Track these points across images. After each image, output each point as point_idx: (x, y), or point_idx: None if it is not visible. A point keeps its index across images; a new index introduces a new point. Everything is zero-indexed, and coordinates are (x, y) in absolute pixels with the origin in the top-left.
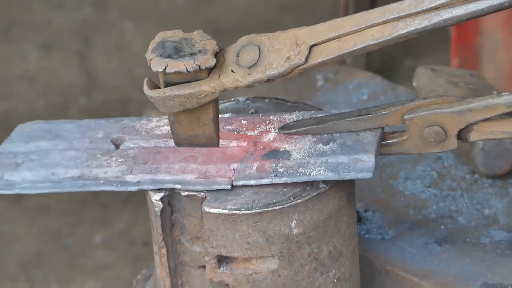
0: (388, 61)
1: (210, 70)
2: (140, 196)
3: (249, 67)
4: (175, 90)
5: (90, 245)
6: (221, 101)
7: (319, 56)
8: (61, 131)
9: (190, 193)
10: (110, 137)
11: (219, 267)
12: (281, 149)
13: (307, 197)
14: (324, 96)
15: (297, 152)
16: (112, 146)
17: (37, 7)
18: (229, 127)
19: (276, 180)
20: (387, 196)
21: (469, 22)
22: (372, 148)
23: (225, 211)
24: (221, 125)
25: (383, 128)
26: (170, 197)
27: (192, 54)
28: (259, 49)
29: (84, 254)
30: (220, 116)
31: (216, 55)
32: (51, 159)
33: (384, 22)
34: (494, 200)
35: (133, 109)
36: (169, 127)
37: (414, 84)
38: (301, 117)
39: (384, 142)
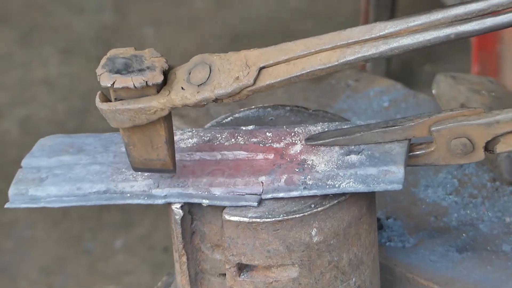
0: (408, 68)
1: (159, 87)
2: None
3: (198, 85)
4: (125, 104)
5: (111, 250)
6: (242, 109)
7: (267, 79)
8: (83, 145)
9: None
10: None
11: (239, 275)
12: (308, 161)
13: (328, 205)
14: (345, 103)
15: (325, 164)
16: None
17: (58, 12)
18: (254, 140)
19: (305, 193)
20: (408, 203)
21: None
22: (401, 160)
23: (246, 219)
24: (246, 138)
25: (410, 140)
26: (191, 205)
27: (140, 70)
28: (210, 68)
29: (104, 259)
30: (243, 128)
31: (164, 72)
32: (75, 173)
33: (333, 48)
34: None
35: None
36: (193, 140)
37: (433, 91)
38: (326, 129)
39: (411, 153)
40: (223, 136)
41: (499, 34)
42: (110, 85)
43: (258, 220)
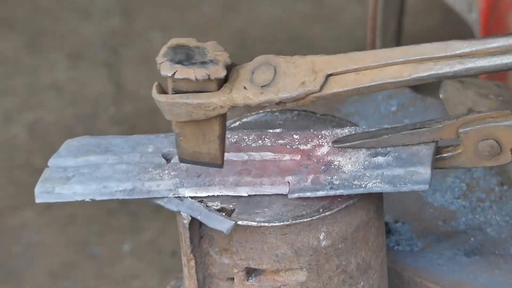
0: None
1: (221, 83)
2: None
3: (262, 86)
4: (184, 98)
5: (118, 255)
6: (249, 113)
7: (334, 87)
8: (110, 145)
9: (218, 207)
10: (161, 152)
11: (247, 279)
12: (335, 162)
13: (336, 210)
14: (352, 107)
15: (351, 165)
16: (163, 160)
17: (65, 17)
18: (281, 141)
19: (332, 193)
20: (416, 207)
21: (496, 33)
22: (427, 161)
23: (254, 223)
24: (272, 140)
25: (437, 142)
26: None
27: (203, 63)
28: (275, 69)
29: (112, 263)
30: (271, 131)
31: (227, 67)
32: (101, 173)
33: (405, 62)
34: None
35: (162, 119)
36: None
37: (441, 96)
38: (353, 131)
39: (438, 155)
40: (250, 138)
41: None
42: (170, 75)
43: (266, 224)
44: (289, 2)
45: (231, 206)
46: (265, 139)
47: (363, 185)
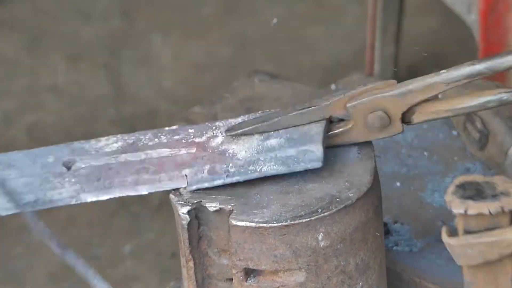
0: (415, 73)
1: None
2: (170, 206)
3: None
4: (477, 237)
5: (119, 256)
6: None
7: None
8: (11, 161)
9: (217, 207)
10: (61, 160)
11: (246, 280)
12: (229, 150)
13: (334, 210)
14: None
15: (245, 151)
16: (64, 169)
17: (65, 18)
18: (177, 137)
19: (228, 180)
20: (415, 208)
21: (495, 34)
22: (318, 138)
23: (252, 224)
24: (168, 136)
25: (328, 119)
26: (198, 210)
27: (494, 196)
28: None
29: (112, 265)
30: (167, 128)
31: None
32: (4, 189)
33: None
34: None
35: (161, 121)
36: (117, 144)
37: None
38: (246, 119)
39: (330, 132)
40: (147, 137)
41: (505, 39)
42: (463, 212)
43: (265, 225)
44: (289, 3)
45: (229, 207)
46: (161, 136)
47: (258, 170)
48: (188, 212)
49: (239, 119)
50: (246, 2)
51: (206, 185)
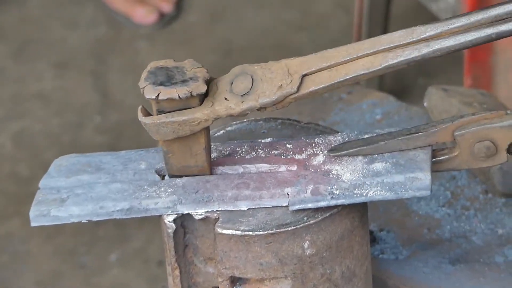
0: (401, 81)
1: (202, 98)
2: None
3: (242, 95)
4: (169, 116)
5: (106, 264)
6: (234, 122)
7: (310, 85)
8: (101, 163)
9: (203, 216)
10: (154, 168)
11: None
12: (333, 171)
13: (320, 218)
14: (337, 116)
15: (350, 174)
16: (157, 177)
17: (52, 26)
18: (275, 152)
19: (333, 202)
20: (401, 216)
21: None
22: (426, 166)
23: (238, 232)
24: (266, 150)
25: (432, 146)
26: (183, 218)
27: (183, 81)
28: (252, 78)
29: (99, 273)
30: (262, 141)
31: (206, 82)
32: (96, 193)
33: (375, 53)
34: (507, 219)
35: None
36: (212, 154)
37: (425, 104)
38: (347, 138)
39: (434, 159)
40: (243, 150)
41: (491, 46)
42: (154, 97)
43: (251, 233)
44: (275, 10)
45: (215, 215)
46: (258, 150)
47: (364, 194)
48: (174, 221)
49: (339, 137)
50: (232, 9)
51: (309, 206)
